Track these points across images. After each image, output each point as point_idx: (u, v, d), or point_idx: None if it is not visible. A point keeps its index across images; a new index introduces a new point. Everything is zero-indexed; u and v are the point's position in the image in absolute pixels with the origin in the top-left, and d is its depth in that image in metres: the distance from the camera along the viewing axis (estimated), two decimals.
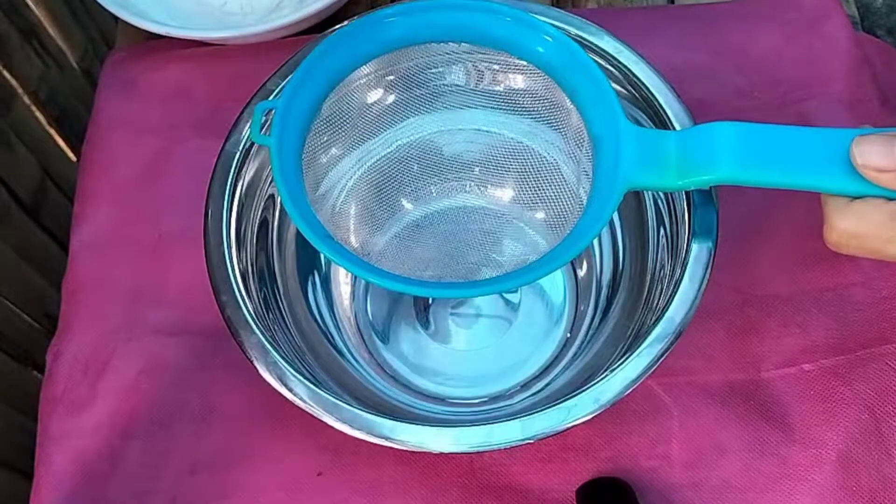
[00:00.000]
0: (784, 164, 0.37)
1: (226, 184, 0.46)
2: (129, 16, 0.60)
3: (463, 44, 0.43)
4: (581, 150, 0.42)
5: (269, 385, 0.42)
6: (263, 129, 0.43)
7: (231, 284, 0.44)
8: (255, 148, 0.47)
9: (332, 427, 0.41)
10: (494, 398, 0.50)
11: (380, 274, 0.39)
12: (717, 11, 0.61)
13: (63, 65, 0.83)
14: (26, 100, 0.76)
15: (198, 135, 0.58)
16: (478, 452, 0.46)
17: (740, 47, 0.59)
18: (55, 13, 0.81)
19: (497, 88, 0.46)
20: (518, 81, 0.45)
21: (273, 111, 0.40)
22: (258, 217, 0.49)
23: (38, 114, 0.78)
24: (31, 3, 0.78)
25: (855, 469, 0.47)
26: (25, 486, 0.50)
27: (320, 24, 0.61)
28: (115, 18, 0.62)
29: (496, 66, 0.45)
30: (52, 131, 0.81)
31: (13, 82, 0.74)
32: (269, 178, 0.49)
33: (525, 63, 0.43)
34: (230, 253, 0.44)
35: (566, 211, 0.44)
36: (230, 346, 0.43)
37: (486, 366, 0.51)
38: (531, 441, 0.40)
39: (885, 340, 0.49)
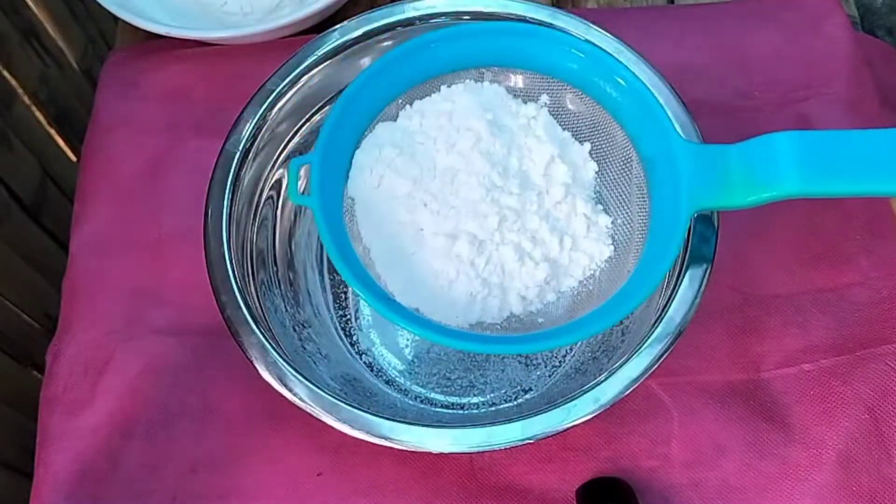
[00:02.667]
0: (852, 171, 0.36)
1: (226, 184, 0.46)
2: (129, 16, 0.60)
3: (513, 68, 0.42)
4: (631, 173, 0.42)
5: (269, 385, 0.42)
6: (302, 189, 0.40)
7: (231, 285, 0.44)
8: (254, 148, 0.47)
9: (331, 427, 0.41)
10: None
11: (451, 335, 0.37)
12: (718, 11, 0.61)
13: (63, 65, 0.83)
14: (26, 100, 0.76)
15: (198, 135, 0.58)
16: (478, 452, 0.46)
17: (740, 47, 0.59)
18: (55, 13, 0.81)
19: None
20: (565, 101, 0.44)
21: (310, 166, 0.38)
22: (258, 217, 0.49)
23: (37, 114, 0.78)
24: (31, 3, 0.78)
25: (855, 469, 0.47)
26: (25, 486, 0.50)
27: (320, 24, 0.61)
28: (115, 18, 0.62)
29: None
30: (52, 131, 0.81)
31: (13, 82, 0.74)
32: (270, 179, 0.49)
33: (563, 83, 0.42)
34: (230, 254, 0.44)
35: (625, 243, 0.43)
36: (230, 346, 0.43)
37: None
38: (531, 441, 0.40)
39: (884, 340, 0.49)
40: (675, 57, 0.57)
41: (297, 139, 0.50)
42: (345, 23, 0.49)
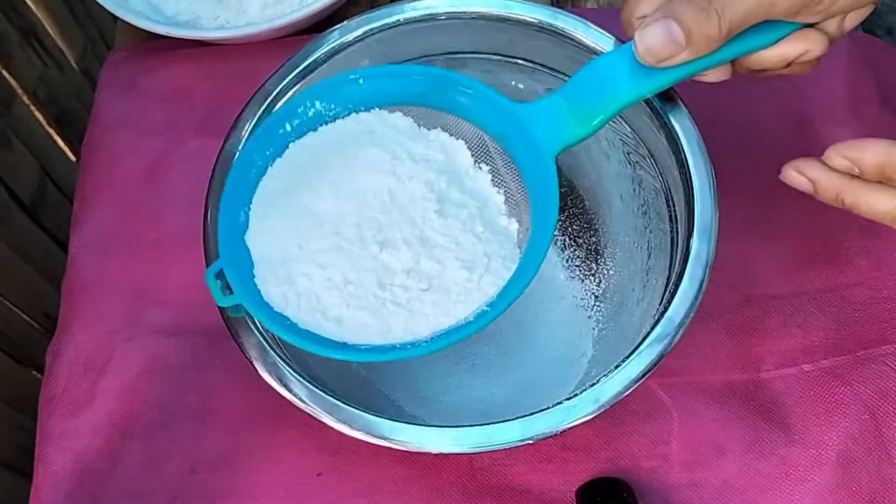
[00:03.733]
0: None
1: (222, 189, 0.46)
2: (129, 16, 0.60)
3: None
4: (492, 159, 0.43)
5: (268, 385, 0.42)
6: (225, 291, 0.40)
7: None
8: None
9: (331, 427, 0.41)
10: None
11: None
12: None
13: (63, 65, 0.83)
14: (26, 100, 0.76)
15: (198, 135, 0.58)
16: (477, 453, 0.46)
17: None
18: (55, 13, 0.81)
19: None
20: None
21: (223, 270, 0.39)
22: None
23: (37, 114, 0.78)
24: (30, 3, 0.78)
25: (855, 469, 0.47)
26: (25, 486, 0.50)
27: (320, 24, 0.61)
28: (115, 18, 0.62)
29: None
30: (52, 131, 0.81)
31: (13, 82, 0.74)
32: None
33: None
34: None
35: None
36: (230, 346, 0.43)
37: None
38: (531, 441, 0.40)
39: (884, 341, 0.49)
40: None
41: None
42: (344, 23, 0.49)
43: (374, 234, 0.39)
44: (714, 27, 0.36)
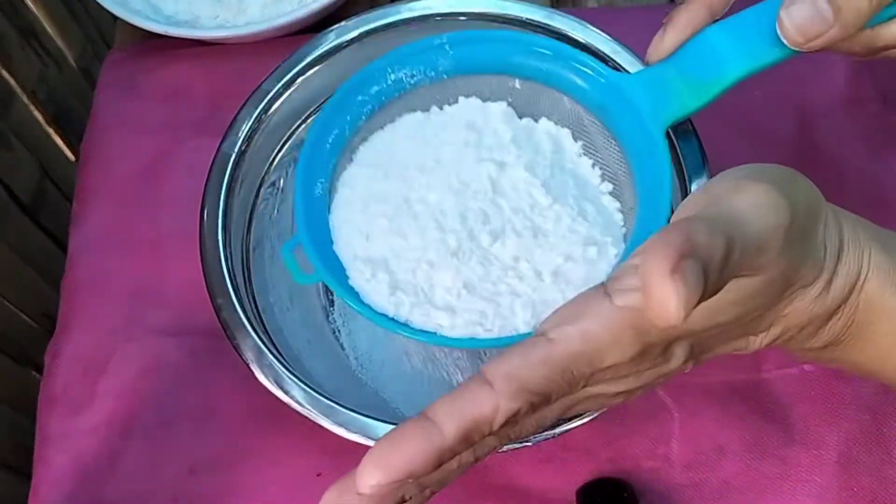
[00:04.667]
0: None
1: (221, 185, 0.46)
2: (128, 15, 0.60)
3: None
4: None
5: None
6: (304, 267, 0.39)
7: (227, 287, 0.43)
8: (251, 149, 0.47)
9: (331, 430, 0.41)
10: None
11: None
12: None
13: (62, 64, 0.83)
14: (25, 99, 0.76)
15: (197, 134, 0.58)
16: None
17: None
18: (54, 13, 0.81)
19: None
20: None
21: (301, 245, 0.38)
22: (255, 218, 0.48)
23: (36, 113, 0.78)
24: (29, 3, 0.78)
25: (856, 470, 0.47)
26: (25, 487, 0.50)
27: (319, 23, 0.61)
28: (114, 17, 0.62)
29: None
30: (51, 131, 0.81)
31: (12, 82, 0.74)
32: (266, 180, 0.49)
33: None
34: (226, 255, 0.44)
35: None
36: (229, 346, 0.43)
37: None
38: (530, 444, 0.39)
39: None
40: None
41: (293, 139, 0.50)
42: (342, 23, 0.48)
43: (483, 226, 0.38)
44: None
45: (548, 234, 0.38)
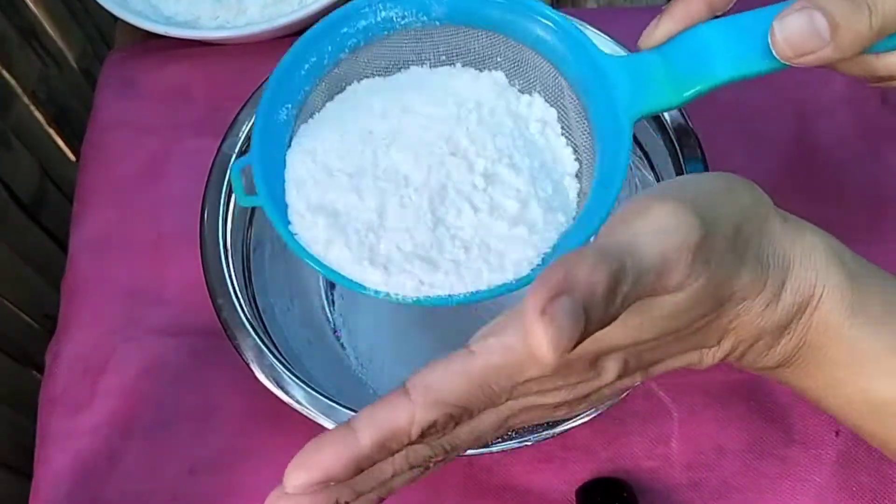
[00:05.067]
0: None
1: (222, 186, 0.46)
2: (128, 15, 0.60)
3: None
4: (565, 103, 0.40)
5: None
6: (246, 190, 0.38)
7: (227, 287, 0.43)
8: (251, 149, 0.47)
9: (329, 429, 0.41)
10: None
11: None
12: None
13: (62, 64, 0.83)
14: (25, 99, 0.76)
15: (197, 134, 0.58)
16: (477, 455, 0.46)
17: None
18: (54, 13, 0.81)
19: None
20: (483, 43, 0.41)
21: (251, 167, 0.36)
22: (255, 218, 0.48)
23: (37, 114, 0.78)
24: (30, 3, 0.78)
25: (855, 469, 0.47)
26: (25, 486, 0.50)
27: None
28: (114, 18, 0.62)
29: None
30: (52, 131, 0.81)
31: (12, 82, 0.74)
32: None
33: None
34: (227, 255, 0.44)
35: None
36: (229, 346, 0.43)
37: None
38: (529, 444, 0.40)
39: None
40: None
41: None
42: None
43: (442, 199, 0.37)
44: (864, 23, 0.32)
45: (494, 204, 0.37)
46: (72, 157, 0.84)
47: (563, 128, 0.40)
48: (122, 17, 0.60)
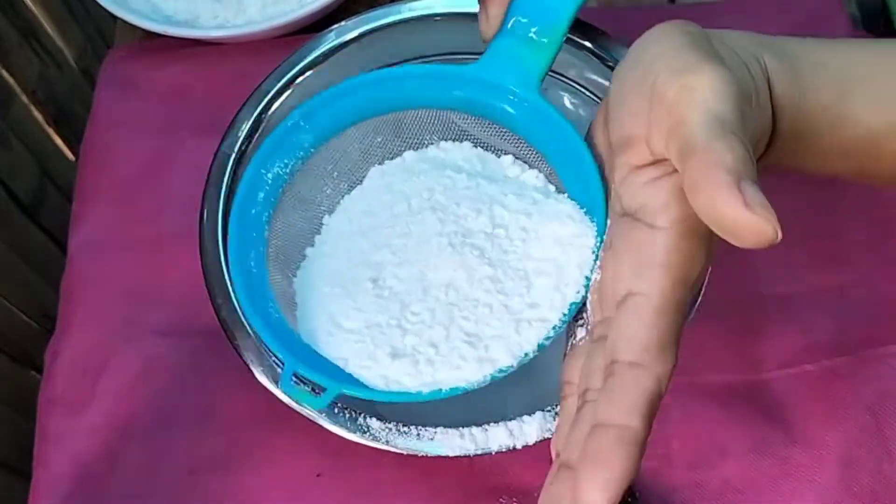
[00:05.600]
0: None
1: (221, 186, 0.46)
2: (128, 15, 0.60)
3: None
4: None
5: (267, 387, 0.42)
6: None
7: (226, 287, 0.43)
8: (250, 149, 0.47)
9: (330, 430, 0.41)
10: None
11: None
12: (718, 11, 0.61)
13: (61, 64, 0.83)
14: (25, 99, 0.76)
15: (197, 134, 0.58)
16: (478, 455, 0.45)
17: None
18: (53, 12, 0.81)
19: None
20: None
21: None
22: None
23: (36, 113, 0.78)
24: (29, 3, 0.78)
25: (856, 470, 0.47)
26: (24, 487, 0.50)
27: (319, 23, 0.61)
28: (114, 17, 0.62)
29: None
30: (51, 131, 0.81)
31: (11, 82, 0.74)
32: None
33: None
34: (226, 255, 0.44)
35: None
36: (229, 346, 0.43)
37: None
38: (529, 444, 0.39)
39: (886, 341, 0.49)
40: None
41: None
42: (342, 23, 0.48)
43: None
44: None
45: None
46: (71, 156, 0.84)
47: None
48: (122, 16, 0.60)
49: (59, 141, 0.82)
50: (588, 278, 0.35)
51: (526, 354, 0.35)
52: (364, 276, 0.38)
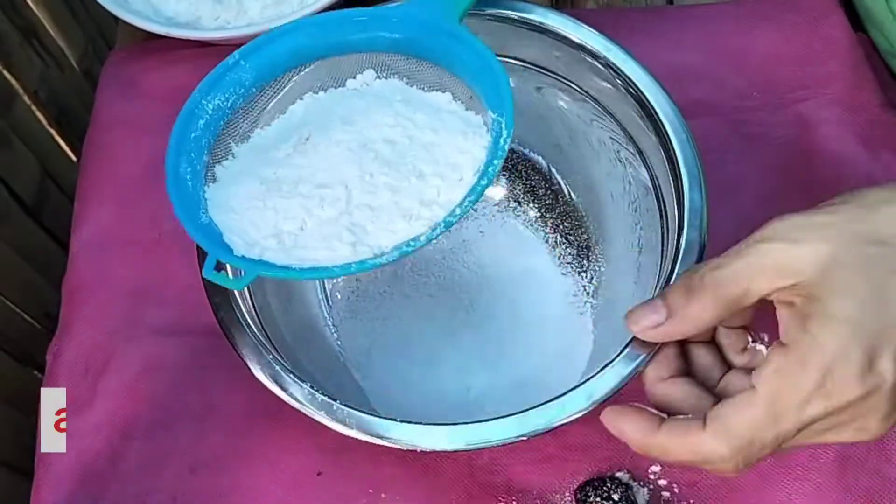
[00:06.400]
0: None
1: None
2: (129, 16, 0.60)
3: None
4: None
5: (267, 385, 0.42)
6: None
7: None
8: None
9: (330, 428, 0.41)
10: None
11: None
12: (717, 12, 0.61)
13: (63, 64, 0.83)
14: (26, 100, 0.76)
15: None
16: (474, 450, 0.46)
17: (739, 48, 0.59)
18: (55, 13, 0.81)
19: None
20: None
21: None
22: None
23: (38, 114, 0.78)
24: (31, 3, 0.78)
25: (854, 469, 0.47)
26: (25, 486, 0.51)
27: None
28: (115, 18, 0.62)
29: None
30: (53, 131, 0.81)
31: (13, 82, 0.74)
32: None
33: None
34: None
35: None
36: (229, 346, 0.43)
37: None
38: (525, 438, 0.40)
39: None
40: (674, 57, 0.57)
41: None
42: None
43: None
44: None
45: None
46: (72, 157, 0.84)
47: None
48: (123, 17, 0.60)
49: (60, 141, 0.83)
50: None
51: (409, 244, 0.37)
52: (270, 173, 0.41)
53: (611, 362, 0.40)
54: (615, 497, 0.46)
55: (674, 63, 0.55)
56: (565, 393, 0.40)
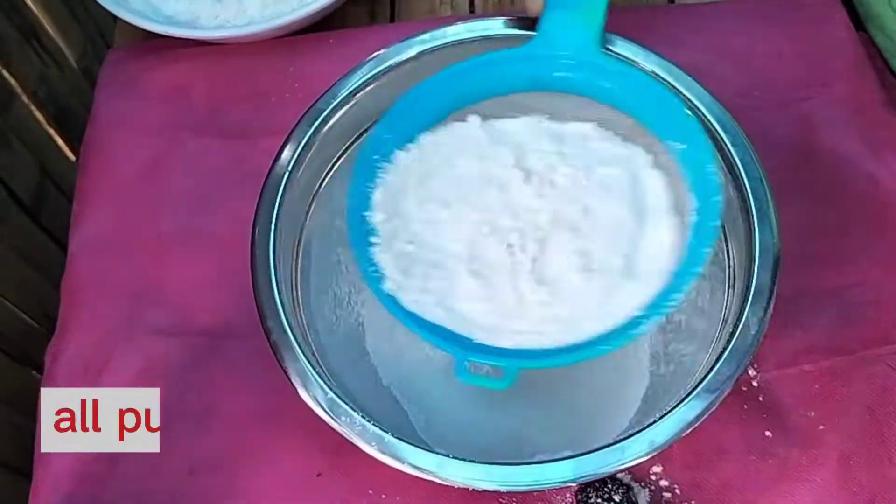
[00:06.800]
0: None
1: (274, 205, 0.45)
2: (128, 15, 0.60)
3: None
4: None
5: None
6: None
7: (277, 307, 0.43)
8: (302, 168, 0.47)
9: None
10: None
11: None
12: (718, 11, 0.61)
13: (62, 64, 0.83)
14: (25, 99, 0.76)
15: (197, 134, 0.58)
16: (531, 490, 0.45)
17: (741, 47, 0.59)
18: (54, 13, 0.81)
19: None
20: None
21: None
22: (304, 234, 0.48)
23: (37, 113, 0.78)
24: (30, 3, 0.78)
25: (855, 469, 0.47)
26: (25, 487, 0.50)
27: (320, 23, 0.61)
28: (114, 18, 0.62)
29: None
30: (52, 131, 0.81)
31: (12, 82, 0.74)
32: (316, 198, 0.49)
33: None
34: (276, 277, 0.43)
35: None
36: (230, 346, 0.43)
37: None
38: (582, 480, 0.40)
39: (885, 341, 0.49)
40: (675, 57, 0.57)
41: (344, 158, 0.49)
42: (397, 43, 0.48)
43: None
44: None
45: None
46: (72, 156, 0.84)
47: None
48: (122, 16, 0.60)
49: (59, 141, 0.82)
50: None
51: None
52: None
53: (673, 409, 0.40)
54: (616, 498, 0.46)
55: (675, 62, 0.54)
56: (625, 438, 0.39)
